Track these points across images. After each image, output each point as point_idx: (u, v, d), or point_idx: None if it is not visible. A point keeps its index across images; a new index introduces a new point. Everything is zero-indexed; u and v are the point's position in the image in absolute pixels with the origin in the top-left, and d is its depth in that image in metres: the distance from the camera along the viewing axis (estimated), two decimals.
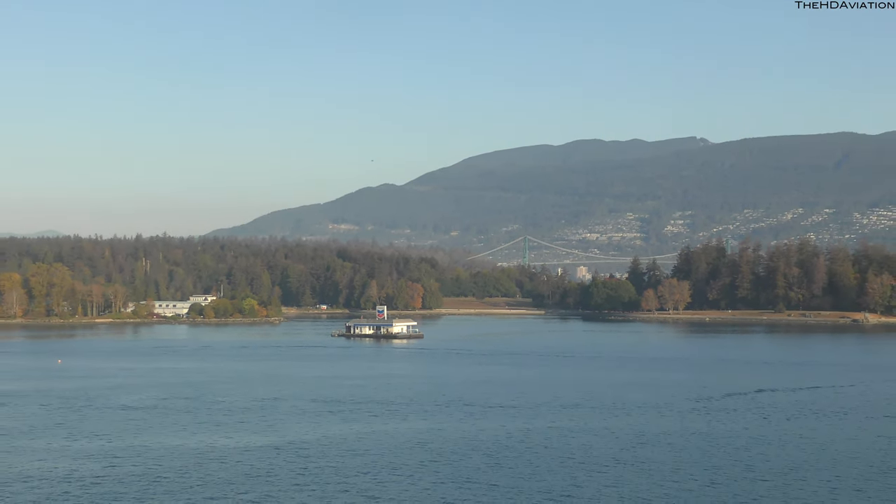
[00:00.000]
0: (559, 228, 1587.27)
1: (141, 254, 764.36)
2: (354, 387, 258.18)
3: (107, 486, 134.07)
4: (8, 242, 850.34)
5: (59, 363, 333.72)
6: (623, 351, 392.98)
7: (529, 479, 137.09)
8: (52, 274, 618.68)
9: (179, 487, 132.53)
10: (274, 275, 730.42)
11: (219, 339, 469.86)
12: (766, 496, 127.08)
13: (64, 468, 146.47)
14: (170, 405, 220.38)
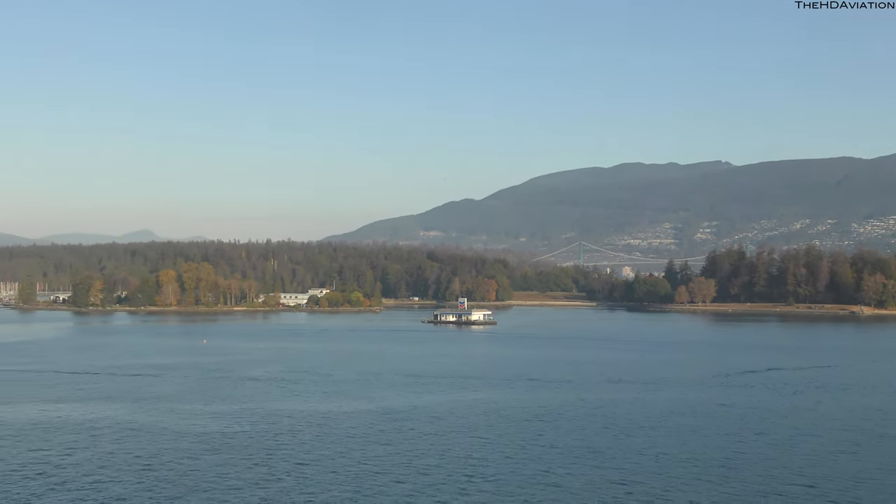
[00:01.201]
0: (608, 235, 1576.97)
1: (270, 255, 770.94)
2: (439, 364, 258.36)
3: (238, 440, 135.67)
4: (166, 246, 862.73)
5: (204, 343, 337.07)
6: (659, 336, 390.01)
7: (579, 441, 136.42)
8: (199, 271, 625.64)
9: (295, 443, 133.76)
10: (376, 272, 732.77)
11: (331, 325, 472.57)
12: (775, 457, 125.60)
13: (204, 426, 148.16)
14: (290, 377, 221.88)
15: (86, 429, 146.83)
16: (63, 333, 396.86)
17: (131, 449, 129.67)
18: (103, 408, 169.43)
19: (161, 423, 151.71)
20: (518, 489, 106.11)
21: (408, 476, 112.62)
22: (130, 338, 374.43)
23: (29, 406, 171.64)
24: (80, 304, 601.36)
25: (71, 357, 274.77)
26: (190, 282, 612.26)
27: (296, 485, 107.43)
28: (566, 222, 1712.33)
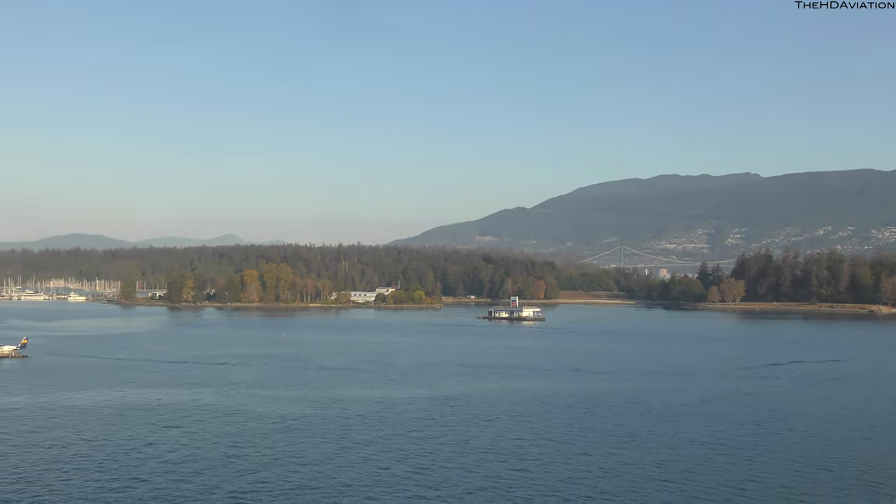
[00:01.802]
0: (646, 240, 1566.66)
1: (342, 257, 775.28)
2: (492, 355, 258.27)
3: (312, 421, 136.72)
4: (249, 249, 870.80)
5: (284, 335, 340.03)
6: (692, 332, 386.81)
7: (618, 426, 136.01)
8: (279, 271, 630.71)
9: (362, 425, 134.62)
10: (436, 273, 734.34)
11: (396, 320, 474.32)
12: (796, 442, 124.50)
13: (283, 410, 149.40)
14: (358, 367, 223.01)
15: (179, 410, 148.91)
16: (159, 326, 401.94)
17: (218, 428, 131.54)
18: (194, 392, 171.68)
19: (244, 406, 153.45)
20: (562, 469, 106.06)
21: (462, 455, 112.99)
22: (218, 330, 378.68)
23: (130, 390, 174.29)
24: (174, 300, 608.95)
25: (166, 347, 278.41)
26: (271, 281, 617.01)
27: (362, 461, 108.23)
28: (608, 228, 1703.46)
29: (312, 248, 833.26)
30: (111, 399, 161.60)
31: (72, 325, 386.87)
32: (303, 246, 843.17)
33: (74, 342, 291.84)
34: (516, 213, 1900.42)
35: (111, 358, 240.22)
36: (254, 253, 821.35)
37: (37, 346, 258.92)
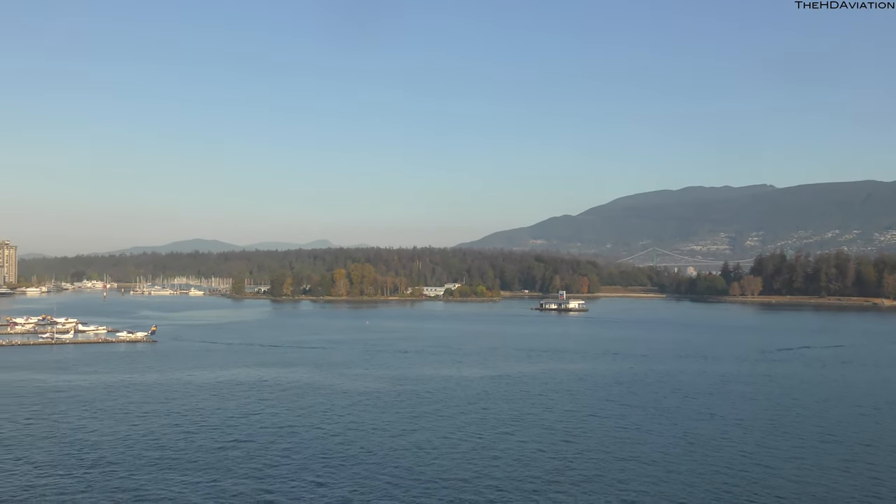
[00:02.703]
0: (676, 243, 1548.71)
1: (416, 258, 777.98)
2: (543, 340, 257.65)
3: (390, 396, 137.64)
4: (339, 251, 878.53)
5: (367, 324, 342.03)
6: (715, 321, 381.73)
7: (650, 402, 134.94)
8: (363, 270, 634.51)
9: (432, 399, 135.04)
10: (496, 271, 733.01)
11: (461, 311, 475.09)
12: (808, 416, 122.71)
13: (365, 386, 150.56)
14: (430, 350, 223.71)
15: (279, 386, 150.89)
16: (263, 316, 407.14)
17: (311, 401, 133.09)
18: (291, 371, 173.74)
19: (334, 384, 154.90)
20: (602, 437, 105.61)
21: (517, 425, 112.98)
22: (312, 320, 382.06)
23: (239, 369, 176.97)
24: (276, 294, 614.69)
25: (269, 333, 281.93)
26: (356, 278, 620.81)
27: (433, 431, 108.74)
28: (642, 233, 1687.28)
29: (391, 250, 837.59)
30: (223, 376, 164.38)
31: (192, 316, 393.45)
32: (383, 248, 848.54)
33: (194, 329, 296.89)
34: (563, 220, 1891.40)
35: (223, 343, 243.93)
36: (342, 255, 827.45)
37: (163, 333, 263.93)
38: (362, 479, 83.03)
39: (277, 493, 77.92)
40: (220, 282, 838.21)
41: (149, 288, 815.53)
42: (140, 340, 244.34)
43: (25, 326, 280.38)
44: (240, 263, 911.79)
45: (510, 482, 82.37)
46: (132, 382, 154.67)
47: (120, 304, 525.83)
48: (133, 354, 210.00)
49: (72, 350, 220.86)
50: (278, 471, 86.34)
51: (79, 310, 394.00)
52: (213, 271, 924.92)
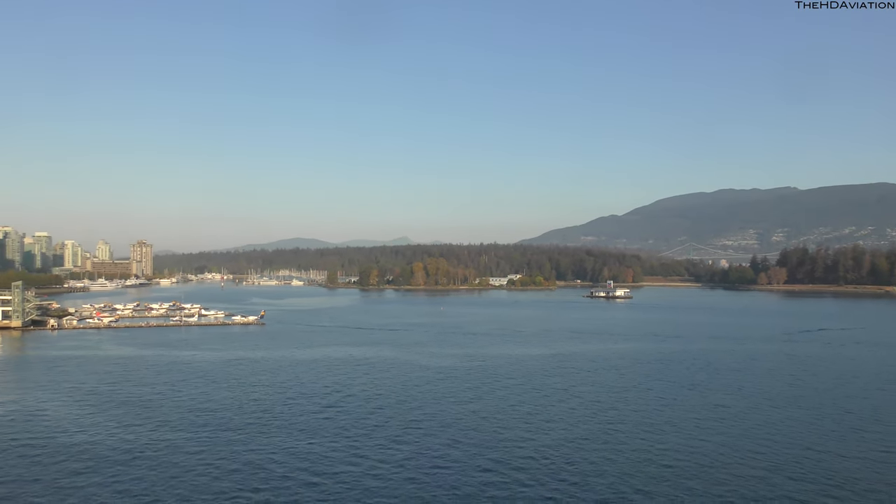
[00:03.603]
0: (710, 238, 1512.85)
1: (483, 253, 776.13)
2: (593, 324, 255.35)
3: (461, 372, 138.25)
4: (417, 247, 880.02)
5: (442, 309, 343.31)
6: (744, 307, 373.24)
7: (685, 377, 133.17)
8: (438, 263, 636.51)
9: (496, 375, 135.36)
10: (552, 263, 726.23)
11: (522, 298, 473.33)
12: (827, 390, 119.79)
13: (439, 363, 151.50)
14: (495, 332, 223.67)
15: (367, 362, 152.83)
16: (353, 303, 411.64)
17: (395, 376, 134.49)
18: (377, 350, 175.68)
19: (413, 361, 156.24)
20: (642, 407, 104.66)
21: (567, 397, 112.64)
22: (394, 306, 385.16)
23: (333, 348, 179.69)
24: (364, 284, 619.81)
25: (358, 317, 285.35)
26: (432, 270, 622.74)
27: (496, 401, 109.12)
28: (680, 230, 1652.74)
29: (462, 246, 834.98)
30: (320, 353, 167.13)
31: (293, 302, 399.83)
32: (455, 245, 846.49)
33: (295, 314, 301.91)
34: (610, 219, 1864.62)
35: (320, 325, 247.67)
36: (420, 250, 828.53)
37: (270, 317, 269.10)
38: (430, 439, 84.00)
39: (364, 451, 79.29)
40: (317, 274, 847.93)
41: (258, 279, 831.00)
42: (251, 323, 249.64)
43: (159, 311, 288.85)
44: (333, 258, 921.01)
45: (560, 443, 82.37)
46: (244, 358, 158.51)
47: (235, 292, 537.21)
48: (246, 335, 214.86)
49: (196, 331, 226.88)
50: (365, 433, 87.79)
51: (201, 297, 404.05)
52: (311, 265, 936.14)
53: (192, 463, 74.86)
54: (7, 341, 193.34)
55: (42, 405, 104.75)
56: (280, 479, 69.61)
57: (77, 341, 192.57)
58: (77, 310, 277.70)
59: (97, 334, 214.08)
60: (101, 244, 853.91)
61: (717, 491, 67.16)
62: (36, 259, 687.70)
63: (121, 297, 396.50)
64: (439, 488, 66.47)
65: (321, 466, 73.56)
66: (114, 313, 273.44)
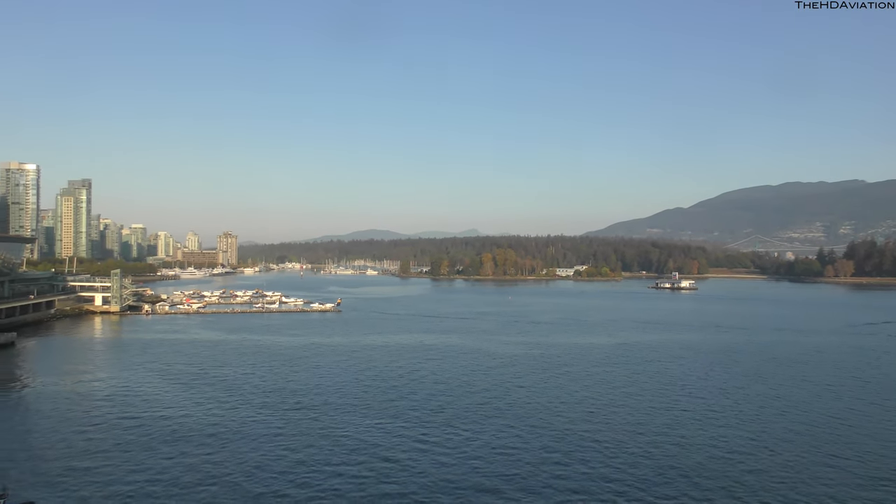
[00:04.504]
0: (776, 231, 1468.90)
1: (549, 244, 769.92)
2: (657, 314, 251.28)
3: (525, 359, 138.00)
4: (486, 239, 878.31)
5: (510, 299, 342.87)
6: (810, 299, 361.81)
7: (749, 369, 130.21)
8: (506, 254, 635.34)
9: (559, 362, 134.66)
10: (617, 255, 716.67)
11: (588, 288, 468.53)
12: (891, 383, 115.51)
13: (506, 350, 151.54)
14: (560, 321, 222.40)
15: (436, 349, 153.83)
16: (424, 292, 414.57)
17: (462, 362, 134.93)
18: (446, 337, 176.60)
19: (480, 348, 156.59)
20: (704, 396, 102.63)
21: (631, 386, 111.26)
22: (464, 295, 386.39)
23: (404, 335, 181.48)
24: (435, 274, 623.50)
25: (429, 306, 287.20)
26: (500, 260, 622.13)
27: (561, 389, 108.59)
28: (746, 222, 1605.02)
29: (529, 237, 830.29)
30: (393, 340, 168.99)
31: (368, 291, 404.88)
32: (522, 236, 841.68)
33: (369, 302, 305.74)
34: (675, 212, 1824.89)
35: (393, 313, 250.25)
36: (489, 241, 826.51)
37: (346, 304, 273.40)
38: (494, 425, 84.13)
39: (431, 435, 79.97)
40: (390, 263, 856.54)
41: (335, 268, 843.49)
42: (328, 310, 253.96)
43: (243, 298, 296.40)
44: (406, 249, 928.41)
45: (622, 430, 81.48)
46: (322, 343, 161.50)
47: (313, 281, 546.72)
48: (323, 321, 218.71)
49: (277, 317, 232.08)
50: (432, 417, 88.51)
51: (282, 285, 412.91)
52: (385, 255, 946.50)
53: (271, 439, 76.74)
54: (106, 325, 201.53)
55: (136, 384, 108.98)
56: (351, 457, 70.80)
57: (168, 325, 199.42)
58: (169, 296, 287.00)
59: (187, 319, 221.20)
60: (191, 235, 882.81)
61: (779, 478, 65.48)
62: (132, 249, 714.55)
63: (208, 285, 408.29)
64: (501, 474, 66.54)
65: (389, 447, 74.46)
66: (202, 300, 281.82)
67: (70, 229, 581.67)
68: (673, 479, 65.04)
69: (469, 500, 59.86)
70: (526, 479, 64.84)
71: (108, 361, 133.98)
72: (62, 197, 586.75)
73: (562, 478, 65.44)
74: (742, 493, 61.87)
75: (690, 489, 62.64)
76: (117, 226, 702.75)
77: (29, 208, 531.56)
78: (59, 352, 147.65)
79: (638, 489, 62.65)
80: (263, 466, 67.84)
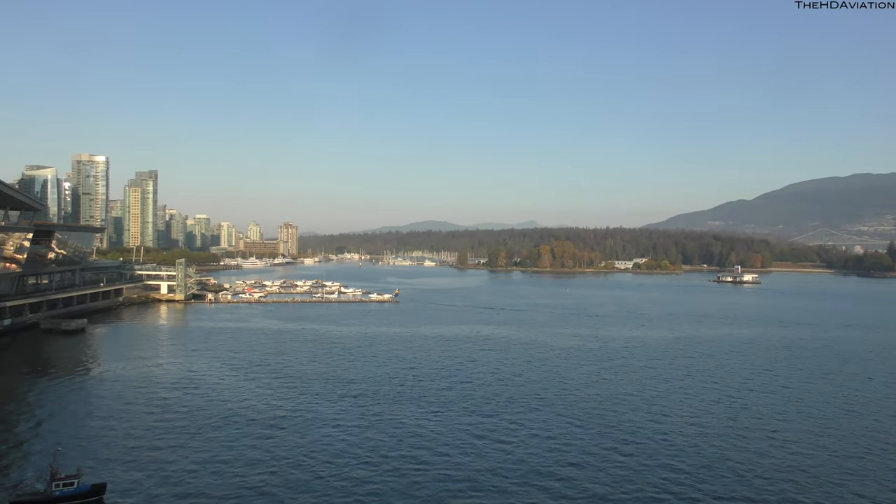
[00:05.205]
0: (843, 224, 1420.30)
1: (608, 236, 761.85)
2: (718, 308, 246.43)
3: (580, 352, 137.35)
4: (544, 231, 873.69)
5: (568, 291, 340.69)
6: (880, 295, 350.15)
7: (814, 365, 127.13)
8: (564, 246, 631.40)
9: (614, 356, 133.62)
10: (678, 247, 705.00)
11: (647, 281, 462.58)
12: None
13: (562, 343, 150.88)
14: (618, 314, 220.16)
15: (492, 340, 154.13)
16: (481, 283, 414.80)
17: (517, 353, 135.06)
18: (502, 328, 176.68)
19: (536, 340, 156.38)
20: (766, 392, 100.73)
21: (689, 381, 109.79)
22: (521, 287, 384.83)
23: (461, 325, 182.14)
24: (492, 265, 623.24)
25: (485, 297, 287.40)
26: (558, 253, 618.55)
27: (617, 383, 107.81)
28: (812, 215, 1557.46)
29: (588, 229, 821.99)
30: (449, 331, 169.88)
31: (425, 282, 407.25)
32: (581, 228, 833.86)
33: (426, 293, 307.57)
34: (738, 204, 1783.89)
35: (450, 304, 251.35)
36: (546, 233, 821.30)
37: (404, 295, 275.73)
38: (549, 417, 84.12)
39: (485, 426, 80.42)
40: (447, 255, 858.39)
41: (393, 259, 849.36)
42: (386, 301, 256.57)
43: (303, 288, 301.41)
44: (463, 240, 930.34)
45: (680, 426, 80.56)
46: (380, 333, 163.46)
47: (371, 271, 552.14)
48: (381, 311, 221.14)
49: (336, 307, 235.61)
50: (486, 408, 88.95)
51: (341, 276, 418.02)
52: (443, 246, 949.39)
53: (328, 426, 78.39)
54: (171, 312, 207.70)
55: (200, 370, 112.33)
56: (407, 446, 71.78)
57: (231, 314, 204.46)
58: (231, 285, 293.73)
59: (248, 308, 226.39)
60: (253, 226, 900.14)
61: (847, 475, 64.07)
62: (196, 239, 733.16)
63: (269, 275, 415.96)
64: (556, 465, 66.72)
65: (445, 438, 75.19)
66: (263, 289, 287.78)
67: (137, 219, 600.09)
68: (725, 474, 64.19)
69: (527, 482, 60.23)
70: (582, 475, 64.79)
71: (173, 348, 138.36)
72: (130, 188, 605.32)
73: (617, 474, 65.18)
74: (795, 492, 60.77)
75: (743, 487, 61.75)
76: (182, 216, 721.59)
77: (99, 199, 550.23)
78: (127, 338, 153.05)
79: (691, 483, 62.04)
80: (320, 451, 69.38)
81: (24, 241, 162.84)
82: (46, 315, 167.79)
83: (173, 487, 58.86)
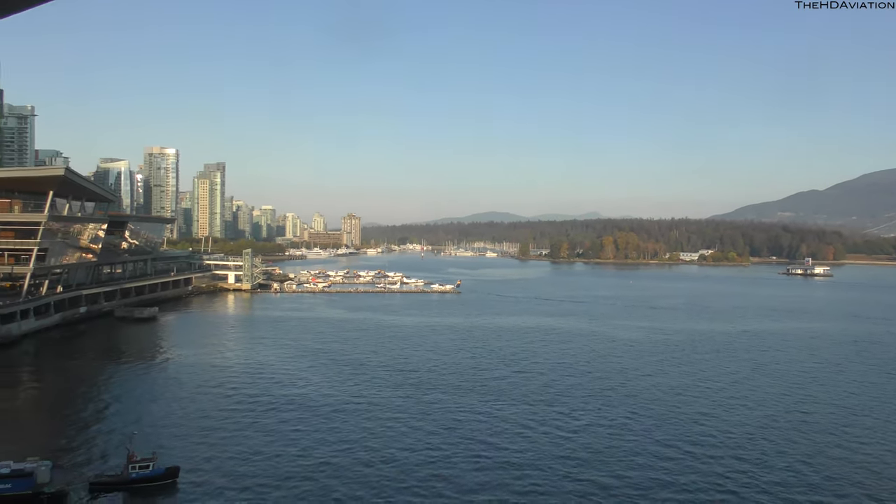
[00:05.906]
0: None
1: (673, 227, 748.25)
2: (787, 302, 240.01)
3: (642, 344, 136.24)
4: (607, 222, 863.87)
5: (631, 283, 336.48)
6: None
7: (884, 360, 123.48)
8: (628, 237, 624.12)
9: (679, 348, 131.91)
10: (746, 239, 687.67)
11: (713, 273, 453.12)
12: None
13: (624, 335, 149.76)
14: (682, 307, 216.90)
15: (554, 331, 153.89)
16: (543, 274, 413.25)
17: (578, 345, 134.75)
18: (564, 319, 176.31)
19: (598, 331, 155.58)
20: (835, 389, 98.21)
21: (754, 375, 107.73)
22: (583, 278, 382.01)
23: (522, 316, 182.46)
24: (554, 256, 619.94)
25: (547, 289, 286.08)
26: (622, 244, 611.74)
27: (679, 376, 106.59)
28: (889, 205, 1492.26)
29: (652, 220, 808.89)
30: (510, 322, 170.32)
31: (487, 273, 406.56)
32: (645, 219, 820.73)
33: (488, 284, 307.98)
34: (810, 195, 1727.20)
35: (511, 295, 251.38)
36: (610, 224, 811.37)
37: (466, 286, 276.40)
38: (610, 410, 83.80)
39: (544, 417, 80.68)
40: (509, 246, 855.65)
41: (454, 250, 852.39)
42: (448, 291, 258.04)
43: (366, 278, 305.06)
44: (525, 231, 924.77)
45: (742, 421, 79.32)
46: (441, 324, 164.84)
47: (433, 262, 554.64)
48: (443, 302, 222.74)
49: (398, 297, 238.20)
50: (546, 399, 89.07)
51: (403, 266, 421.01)
52: (505, 237, 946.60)
53: (389, 414, 79.84)
54: (238, 302, 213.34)
55: (266, 358, 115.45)
56: (463, 438, 72.53)
57: (296, 303, 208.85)
58: (296, 275, 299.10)
59: (312, 298, 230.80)
60: (317, 216, 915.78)
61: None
62: (262, 229, 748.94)
63: (333, 265, 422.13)
64: (613, 458, 66.55)
65: (501, 429, 75.66)
66: (327, 279, 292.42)
67: (206, 210, 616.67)
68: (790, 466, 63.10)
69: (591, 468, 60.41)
70: (640, 468, 64.57)
71: (240, 336, 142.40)
72: (199, 179, 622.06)
73: (675, 468, 64.70)
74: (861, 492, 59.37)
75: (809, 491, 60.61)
76: (248, 207, 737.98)
77: (169, 190, 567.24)
78: (196, 326, 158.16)
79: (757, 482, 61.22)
80: (380, 437, 70.80)
81: (99, 232, 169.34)
82: (120, 303, 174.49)
83: (241, 470, 60.83)
